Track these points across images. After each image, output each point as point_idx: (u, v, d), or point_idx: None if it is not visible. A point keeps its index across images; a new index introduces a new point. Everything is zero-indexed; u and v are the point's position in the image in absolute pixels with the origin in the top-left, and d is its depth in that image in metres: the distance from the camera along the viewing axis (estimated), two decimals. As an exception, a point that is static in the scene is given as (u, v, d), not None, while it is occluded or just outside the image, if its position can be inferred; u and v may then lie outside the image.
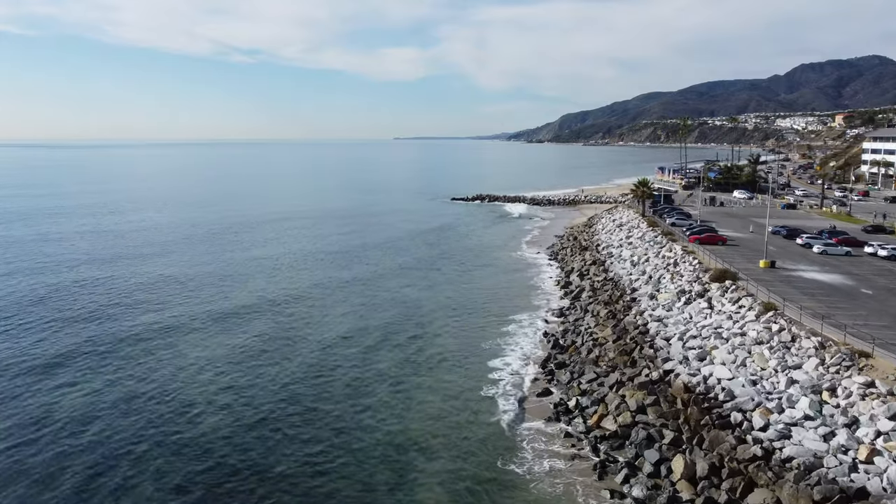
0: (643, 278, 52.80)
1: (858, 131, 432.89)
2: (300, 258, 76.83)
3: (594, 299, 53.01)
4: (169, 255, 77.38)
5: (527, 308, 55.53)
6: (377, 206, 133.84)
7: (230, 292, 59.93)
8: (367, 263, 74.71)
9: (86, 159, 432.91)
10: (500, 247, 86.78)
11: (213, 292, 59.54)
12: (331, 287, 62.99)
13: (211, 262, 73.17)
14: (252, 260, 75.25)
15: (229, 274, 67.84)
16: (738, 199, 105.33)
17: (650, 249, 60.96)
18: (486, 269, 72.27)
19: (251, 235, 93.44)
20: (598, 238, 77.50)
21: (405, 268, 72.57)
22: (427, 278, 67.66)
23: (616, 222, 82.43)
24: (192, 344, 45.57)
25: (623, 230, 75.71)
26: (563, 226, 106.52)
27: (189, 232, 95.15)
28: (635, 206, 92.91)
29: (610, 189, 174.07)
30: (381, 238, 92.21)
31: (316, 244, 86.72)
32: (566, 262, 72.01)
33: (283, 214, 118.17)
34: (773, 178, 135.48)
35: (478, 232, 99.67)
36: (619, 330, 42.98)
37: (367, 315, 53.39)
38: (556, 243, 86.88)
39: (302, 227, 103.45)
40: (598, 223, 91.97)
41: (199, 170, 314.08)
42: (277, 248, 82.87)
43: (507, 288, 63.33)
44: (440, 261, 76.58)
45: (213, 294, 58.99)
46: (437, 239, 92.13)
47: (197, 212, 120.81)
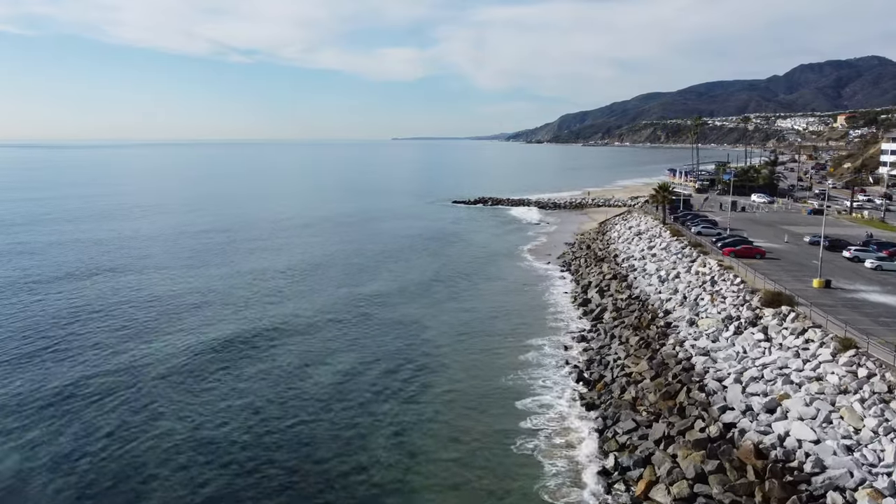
0: (676, 298, 46.41)
1: (861, 132, 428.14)
2: (288, 273, 70.10)
3: (619, 321, 46.64)
4: (144, 270, 70.54)
5: (543, 330, 49.19)
6: (375, 211, 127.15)
7: (197, 321, 53.08)
8: (363, 277, 68.19)
9: (80, 160, 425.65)
10: (506, 255, 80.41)
11: (184, 322, 52.43)
12: (321, 307, 56.43)
13: (189, 280, 66.29)
14: (234, 277, 67.76)
15: (203, 296, 60.74)
16: (758, 204, 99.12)
17: (679, 263, 54.57)
18: (493, 283, 65.88)
19: (237, 245, 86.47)
20: (615, 248, 71.11)
21: (406, 282, 66.10)
22: (430, 294, 61.22)
23: (633, 230, 76.01)
24: (154, 395, 39.07)
25: (643, 239, 69.30)
26: (571, 231, 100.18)
27: (169, 244, 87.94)
28: (652, 212, 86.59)
29: (616, 191, 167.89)
30: (379, 246, 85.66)
31: (307, 255, 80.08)
32: (581, 274, 65.66)
33: (275, 220, 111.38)
34: (797, 179, 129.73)
35: (482, 238, 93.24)
36: (657, 364, 36.57)
37: (363, 341, 46.94)
38: (567, 252, 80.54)
39: (294, 234, 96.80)
40: (611, 230, 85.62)
41: (195, 170, 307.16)
42: (264, 262, 75.81)
43: (518, 305, 56.97)
44: (444, 273, 70.14)
45: (184, 324, 52.11)
46: (439, 247, 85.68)
47: (182, 218, 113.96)
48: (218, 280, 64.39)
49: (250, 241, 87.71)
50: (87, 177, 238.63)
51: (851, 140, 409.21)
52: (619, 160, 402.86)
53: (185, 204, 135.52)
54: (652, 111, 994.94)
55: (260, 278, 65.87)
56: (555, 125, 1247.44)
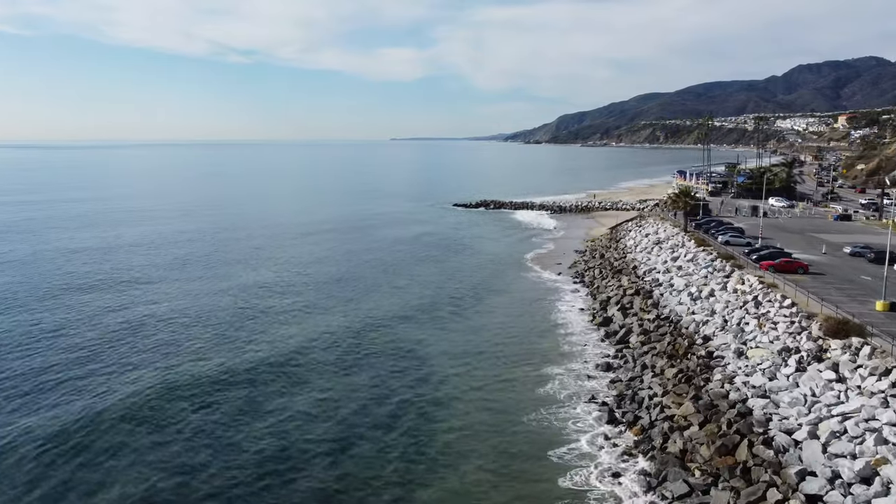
0: (715, 321, 40.70)
1: (862, 132, 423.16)
2: (278, 289, 63.99)
3: (650, 347, 40.96)
4: (119, 285, 64.90)
5: (560, 355, 43.57)
6: (373, 215, 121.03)
7: (171, 350, 47.39)
8: (360, 292, 62.35)
9: (77, 161, 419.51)
10: (513, 264, 74.72)
11: (154, 355, 46.81)
12: (313, 330, 50.64)
13: (163, 301, 60.36)
14: (218, 295, 61.44)
15: (179, 321, 55.10)
16: (777, 208, 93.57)
17: (711, 279, 48.85)
18: (501, 297, 60.17)
19: (225, 257, 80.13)
20: (633, 258, 65.41)
21: (407, 296, 60.34)
22: (433, 310, 55.49)
23: (651, 238, 70.28)
24: (127, 438, 33.35)
25: (664, 249, 63.59)
26: (580, 237, 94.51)
27: (151, 255, 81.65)
28: (669, 218, 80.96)
29: (621, 194, 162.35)
30: (377, 256, 79.81)
31: (300, 267, 74.11)
32: (597, 287, 59.98)
33: (268, 227, 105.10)
34: (817, 182, 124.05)
35: (486, 246, 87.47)
36: (705, 406, 30.90)
37: (359, 371, 41.22)
38: (579, 261, 74.90)
39: (287, 243, 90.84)
40: (625, 237, 79.96)
41: (190, 171, 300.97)
42: (251, 276, 69.54)
43: (530, 324, 51.32)
44: (447, 286, 64.37)
45: (154, 357, 46.50)
46: (441, 255, 79.90)
47: (169, 226, 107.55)
48: (198, 299, 58.28)
49: (239, 252, 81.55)
50: (82, 179, 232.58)
51: (854, 140, 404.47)
52: (619, 161, 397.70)
53: (174, 209, 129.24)
54: (650, 111, 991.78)
55: (245, 296, 59.95)
56: (553, 126, 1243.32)
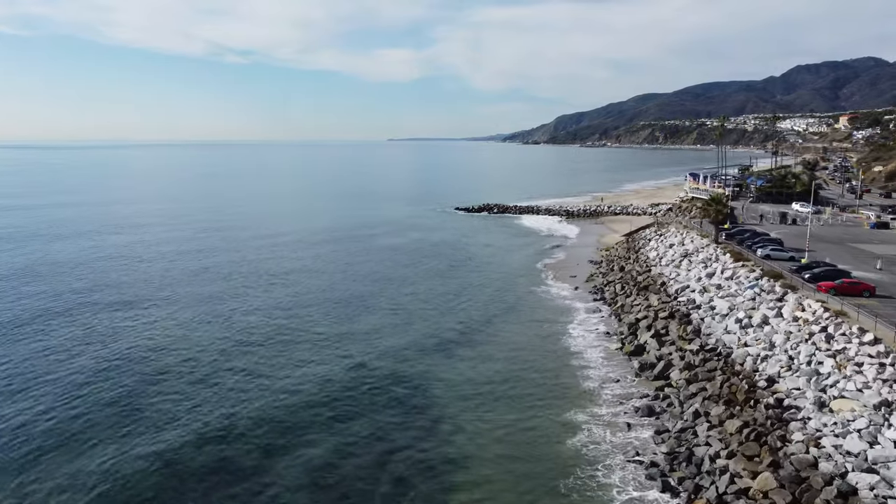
0: (777, 357, 34.21)
1: (864, 133, 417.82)
2: (262, 308, 57.63)
3: (698, 387, 34.51)
4: (82, 311, 58.38)
5: (588, 393, 37.21)
6: (371, 220, 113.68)
7: (133, 411, 40.98)
8: (356, 311, 55.73)
9: (74, 162, 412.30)
10: (524, 277, 68.22)
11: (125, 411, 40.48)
12: (301, 362, 44.15)
13: (135, 328, 54.02)
14: (200, 323, 55.67)
15: (147, 361, 48.68)
16: (804, 214, 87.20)
17: (762, 302, 42.36)
18: (513, 317, 53.68)
19: (211, 273, 73.26)
20: (660, 272, 58.86)
21: (407, 318, 53.77)
22: (438, 335, 48.97)
23: (677, 250, 63.71)
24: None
25: (694, 263, 57.04)
26: (592, 245, 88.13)
27: (130, 270, 75.51)
28: (691, 225, 74.54)
29: (629, 196, 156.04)
30: (375, 267, 73.11)
31: (290, 280, 67.36)
32: (621, 306, 53.53)
33: (259, 236, 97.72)
34: (846, 186, 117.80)
35: (493, 255, 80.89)
36: (790, 480, 24.44)
37: (355, 416, 34.73)
38: (596, 273, 68.45)
39: (276, 252, 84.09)
40: (645, 247, 73.50)
41: (184, 172, 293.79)
42: (238, 296, 63.33)
43: (548, 351, 44.93)
44: (453, 304, 57.75)
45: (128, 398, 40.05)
46: (445, 267, 73.29)
47: (155, 235, 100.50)
48: (176, 330, 51.64)
49: (226, 267, 73.40)
50: (76, 181, 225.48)
51: (857, 141, 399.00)
52: (619, 162, 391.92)
53: (159, 216, 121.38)
54: (649, 112, 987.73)
55: (228, 320, 53.33)
56: (551, 126, 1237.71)
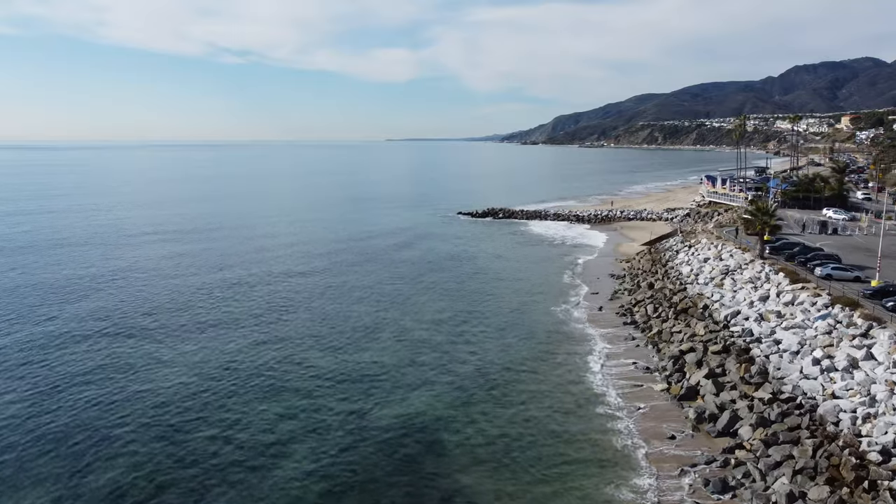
0: (884, 417, 27.28)
1: (868, 133, 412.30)
2: (246, 338, 50.68)
3: (782, 454, 27.53)
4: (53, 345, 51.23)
5: (636, 459, 30.22)
6: (369, 229, 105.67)
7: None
8: (352, 340, 48.67)
9: (69, 163, 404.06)
10: (541, 293, 61.20)
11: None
12: (288, 411, 37.12)
13: (107, 373, 46.90)
14: (159, 366, 48.82)
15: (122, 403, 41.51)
16: (838, 221, 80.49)
17: (841, 337, 35.34)
18: (532, 346, 46.63)
19: (190, 301, 66.47)
20: (699, 292, 51.77)
21: (412, 348, 46.67)
22: (450, 371, 41.93)
23: (715, 265, 56.62)
24: None
25: (740, 282, 50.01)
26: (609, 255, 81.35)
27: (102, 293, 68.65)
28: (725, 236, 67.66)
29: (639, 199, 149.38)
30: (375, 283, 65.80)
31: (278, 299, 60.19)
32: (658, 333, 46.63)
33: (245, 249, 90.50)
34: (875, 189, 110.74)
35: (503, 268, 73.82)
36: None
37: (351, 483, 27.69)
38: (620, 290, 61.55)
39: (264, 265, 76.99)
40: (673, 260, 66.53)
41: (176, 174, 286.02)
42: (220, 326, 56.40)
43: (579, 395, 37.97)
44: (463, 330, 50.62)
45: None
46: (452, 283, 66.13)
47: (132, 251, 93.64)
48: (151, 369, 44.61)
49: (209, 289, 67.14)
50: (73, 183, 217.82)
51: (862, 142, 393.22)
52: (621, 163, 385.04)
53: (146, 225, 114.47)
54: (647, 112, 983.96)
55: (196, 365, 46.30)
56: (549, 126, 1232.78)
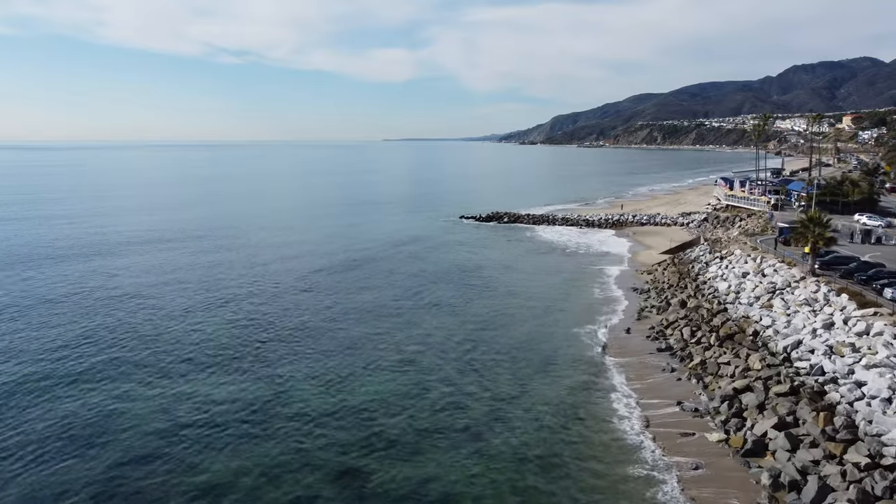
0: None
1: (871, 133, 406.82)
2: (221, 369, 44.10)
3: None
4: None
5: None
6: (366, 234, 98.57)
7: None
8: (352, 365, 42.15)
9: (62, 163, 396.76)
10: (558, 311, 54.63)
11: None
12: (276, 461, 30.57)
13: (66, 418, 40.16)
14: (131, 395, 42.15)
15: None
16: (877, 229, 74.18)
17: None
18: (553, 377, 40.08)
19: (155, 321, 59.98)
20: (744, 314, 45.18)
21: (416, 378, 40.15)
22: (459, 405, 35.51)
23: (757, 281, 50.01)
24: None
25: (792, 303, 43.47)
26: (627, 264, 74.92)
27: (68, 316, 61.90)
28: (761, 247, 61.18)
29: (648, 202, 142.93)
30: (373, 298, 59.21)
31: (262, 320, 53.76)
32: (700, 364, 40.21)
33: (233, 257, 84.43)
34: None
35: (513, 279, 67.15)
36: None
37: None
38: (646, 308, 55.04)
39: (251, 279, 70.39)
40: (704, 273, 59.97)
41: (167, 176, 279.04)
42: (177, 360, 49.78)
43: (616, 447, 31.49)
44: (472, 357, 44.04)
45: None
46: (457, 298, 59.39)
47: (106, 269, 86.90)
48: (115, 415, 37.97)
49: (187, 314, 60.35)
50: (59, 186, 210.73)
51: (866, 141, 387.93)
52: (622, 163, 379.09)
53: (129, 233, 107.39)
54: (645, 112, 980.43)
55: (171, 402, 39.66)
56: (547, 126, 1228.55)
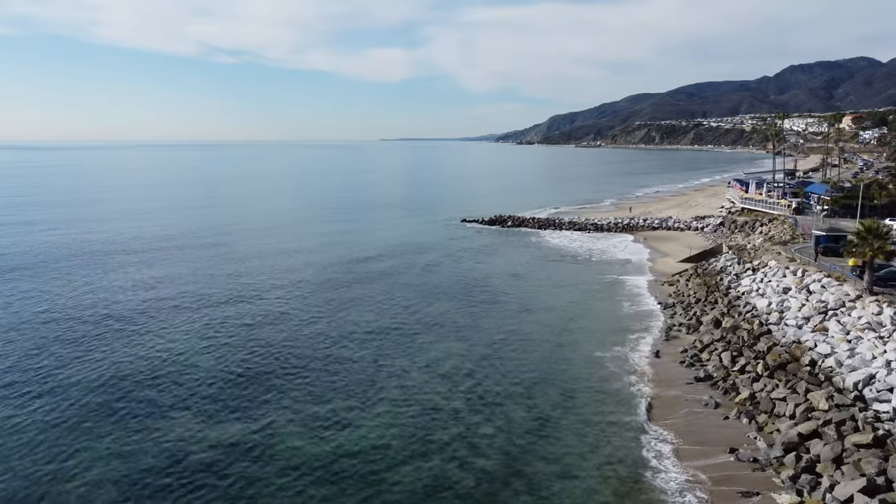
0: None
1: (873, 132, 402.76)
2: (198, 413, 38.37)
3: None
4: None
5: None
6: (363, 242, 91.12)
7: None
8: (348, 400, 36.47)
9: (60, 164, 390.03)
10: (576, 330, 49.01)
11: None
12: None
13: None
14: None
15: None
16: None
17: None
18: (576, 415, 34.47)
19: (127, 350, 54.12)
20: (794, 339, 39.52)
21: (420, 417, 34.51)
22: (470, 446, 29.86)
23: (803, 299, 44.33)
24: None
25: (853, 327, 37.81)
26: (644, 273, 69.40)
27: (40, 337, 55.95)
28: (798, 258, 55.68)
29: (655, 204, 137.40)
30: (370, 317, 53.43)
31: (245, 349, 47.98)
32: (750, 399, 34.68)
33: (222, 267, 78.14)
34: None
35: (524, 294, 61.36)
36: None
37: None
38: (675, 326, 49.51)
39: (235, 294, 64.56)
40: (735, 286, 54.36)
41: (156, 178, 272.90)
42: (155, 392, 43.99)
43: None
44: (483, 389, 38.37)
45: None
46: (463, 315, 53.62)
47: (77, 288, 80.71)
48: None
49: (162, 341, 55.01)
50: (65, 186, 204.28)
51: (867, 142, 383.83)
52: (622, 164, 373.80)
53: (106, 242, 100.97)
54: (643, 112, 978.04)
55: (149, 449, 33.89)
56: (544, 126, 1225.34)
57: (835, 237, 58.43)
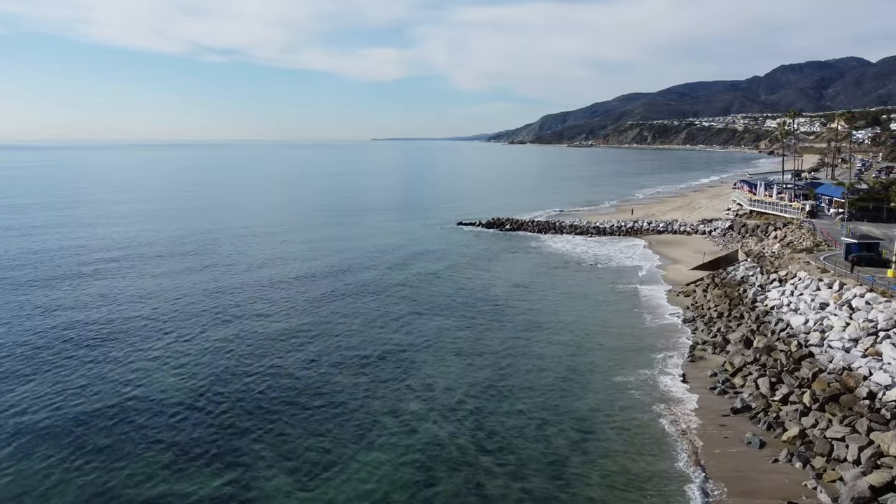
0: None
1: (867, 132, 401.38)
2: (176, 448, 33.26)
3: None
4: None
5: None
6: (354, 248, 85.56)
7: None
8: (332, 444, 31.48)
9: (49, 164, 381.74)
10: (590, 349, 44.27)
11: None
12: None
13: None
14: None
15: None
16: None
17: None
18: (589, 459, 29.72)
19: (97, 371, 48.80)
20: (844, 363, 34.93)
21: (421, 461, 29.61)
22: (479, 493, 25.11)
23: (847, 317, 39.64)
24: None
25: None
26: (656, 281, 64.80)
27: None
28: (826, 266, 51.15)
29: (659, 207, 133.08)
30: (363, 337, 48.36)
31: (215, 387, 42.87)
32: (798, 437, 30.08)
33: (203, 277, 72.95)
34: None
35: (529, 306, 56.46)
36: None
37: None
38: (699, 345, 44.87)
39: (218, 306, 59.32)
40: (763, 301, 49.65)
41: (143, 179, 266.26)
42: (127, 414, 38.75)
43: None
44: (491, 421, 33.27)
45: None
46: (464, 332, 48.72)
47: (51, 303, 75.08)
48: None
49: (139, 360, 49.84)
50: (54, 187, 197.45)
51: (862, 141, 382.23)
52: (615, 164, 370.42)
53: (82, 251, 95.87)
54: (634, 112, 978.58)
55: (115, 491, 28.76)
56: (536, 126, 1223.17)
57: (867, 245, 53.96)
